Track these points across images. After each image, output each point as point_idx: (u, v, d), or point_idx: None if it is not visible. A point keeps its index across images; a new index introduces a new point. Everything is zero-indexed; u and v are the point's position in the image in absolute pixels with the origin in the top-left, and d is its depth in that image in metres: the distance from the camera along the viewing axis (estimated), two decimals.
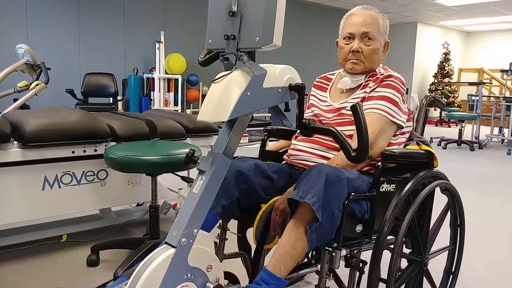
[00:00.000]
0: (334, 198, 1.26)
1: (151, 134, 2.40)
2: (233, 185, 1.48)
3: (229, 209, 1.49)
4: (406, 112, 1.60)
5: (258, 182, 1.51)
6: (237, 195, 1.48)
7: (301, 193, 1.25)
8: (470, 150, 6.73)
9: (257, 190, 1.51)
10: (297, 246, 1.26)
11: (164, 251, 1.15)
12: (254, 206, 1.52)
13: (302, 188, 1.26)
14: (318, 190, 1.24)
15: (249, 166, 1.52)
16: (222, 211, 1.47)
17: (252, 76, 1.17)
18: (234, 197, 1.48)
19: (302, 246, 1.27)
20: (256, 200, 1.52)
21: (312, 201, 1.22)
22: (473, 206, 3.56)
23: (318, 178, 1.26)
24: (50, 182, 2.20)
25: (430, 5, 9.27)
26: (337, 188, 1.28)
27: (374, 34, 1.59)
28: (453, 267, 1.81)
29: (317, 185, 1.25)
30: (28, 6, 6.11)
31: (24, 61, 3.43)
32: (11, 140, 2.03)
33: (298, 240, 1.26)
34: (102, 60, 6.86)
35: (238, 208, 1.51)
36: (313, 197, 1.23)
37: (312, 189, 1.24)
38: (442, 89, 11.45)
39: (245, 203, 1.51)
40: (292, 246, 1.26)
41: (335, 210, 1.27)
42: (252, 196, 1.51)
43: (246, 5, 1.16)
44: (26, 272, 2.10)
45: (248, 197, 1.50)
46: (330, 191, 1.25)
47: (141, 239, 2.32)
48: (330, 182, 1.26)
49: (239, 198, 1.49)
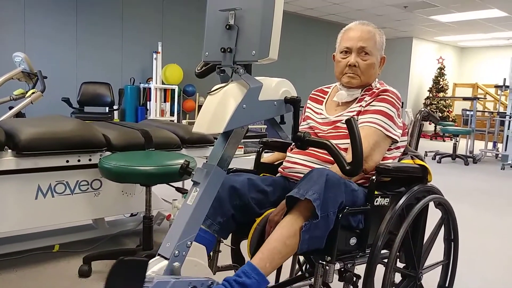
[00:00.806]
0: (331, 200, 1.28)
1: (147, 144, 2.40)
2: (228, 202, 1.47)
3: (226, 226, 1.48)
4: (401, 127, 1.61)
5: (252, 197, 1.51)
6: (232, 211, 1.48)
7: (302, 191, 1.26)
8: (465, 164, 6.77)
9: (251, 205, 1.50)
10: (287, 243, 1.25)
11: (157, 263, 1.15)
12: (249, 220, 1.51)
13: (303, 187, 1.27)
14: (320, 188, 1.26)
15: (243, 181, 1.52)
16: (219, 229, 1.47)
17: (248, 88, 1.18)
18: (229, 214, 1.48)
19: (292, 244, 1.26)
20: (250, 214, 1.51)
21: (313, 197, 1.24)
22: (467, 221, 3.57)
23: (319, 178, 1.28)
24: (43, 191, 2.18)
25: (426, 20, 9.39)
26: (336, 190, 1.29)
27: (371, 49, 1.61)
28: (447, 282, 1.80)
29: (318, 183, 1.27)
30: (26, 15, 6.13)
31: (20, 69, 3.44)
32: (5, 148, 2.02)
33: (291, 237, 1.25)
34: (98, 70, 6.87)
35: (234, 223, 1.51)
36: (314, 193, 1.24)
37: (314, 187, 1.26)
38: (437, 103, 11.54)
39: (240, 218, 1.51)
40: (282, 243, 1.25)
41: (331, 212, 1.28)
42: (246, 211, 1.50)
43: (243, 18, 1.17)
44: (16, 282, 2.07)
45: (242, 212, 1.50)
46: (328, 192, 1.27)
47: (134, 250, 2.30)
48: (330, 184, 1.28)
49: (234, 214, 1.49)
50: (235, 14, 1.18)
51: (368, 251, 1.41)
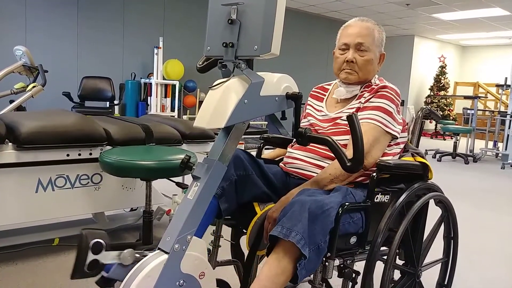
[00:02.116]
0: (318, 232, 1.24)
1: (147, 139, 2.39)
2: (232, 167, 1.48)
3: (228, 192, 1.47)
4: (401, 123, 1.61)
5: (255, 172, 1.52)
6: (235, 177, 1.48)
7: (285, 231, 1.21)
8: (465, 163, 6.77)
9: (254, 179, 1.51)
10: (276, 281, 1.22)
11: (156, 257, 1.15)
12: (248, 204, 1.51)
13: (285, 225, 1.23)
14: (302, 226, 1.21)
15: (248, 156, 1.54)
16: (221, 193, 1.45)
17: (250, 83, 1.18)
18: (232, 179, 1.47)
19: (282, 281, 1.23)
20: (252, 191, 1.51)
21: (296, 239, 1.19)
22: (467, 219, 3.57)
23: (301, 213, 1.23)
24: (43, 185, 2.18)
25: (428, 18, 9.37)
26: (321, 220, 1.25)
27: (369, 45, 1.60)
28: (446, 280, 1.81)
29: (300, 221, 1.22)
30: (27, 10, 6.12)
31: (21, 63, 3.43)
32: (5, 141, 2.02)
33: (278, 275, 1.22)
34: (99, 64, 6.86)
35: (236, 194, 1.49)
36: (297, 234, 1.20)
37: (296, 225, 1.21)
38: (438, 102, 11.53)
39: (242, 191, 1.50)
40: (271, 281, 1.21)
41: (321, 243, 1.25)
42: (249, 184, 1.50)
43: (245, 13, 1.17)
44: (16, 275, 2.08)
45: (245, 184, 1.49)
46: (314, 225, 1.23)
47: (133, 245, 2.31)
48: (313, 216, 1.23)
49: (237, 181, 1.48)
50: (237, 9, 1.18)
51: (368, 248, 1.41)
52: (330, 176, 1.44)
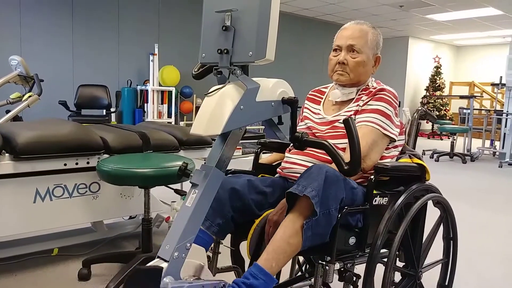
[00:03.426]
0: (332, 196, 1.28)
1: (144, 146, 2.39)
2: (228, 203, 1.48)
3: (224, 228, 1.49)
4: (399, 126, 1.61)
5: (251, 198, 1.52)
6: (231, 213, 1.48)
7: (301, 188, 1.26)
8: (462, 162, 6.78)
9: (251, 207, 1.51)
10: (291, 242, 1.25)
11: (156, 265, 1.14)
12: (248, 221, 1.52)
13: (301, 183, 1.27)
14: (318, 185, 1.25)
15: (243, 182, 1.53)
16: (217, 230, 1.47)
17: (245, 89, 1.18)
18: (228, 215, 1.48)
19: (296, 242, 1.26)
20: (249, 216, 1.52)
21: (311, 194, 1.23)
22: (466, 219, 3.57)
23: (318, 175, 1.27)
24: (41, 195, 2.17)
25: (422, 19, 9.41)
26: (336, 187, 1.29)
27: (360, 47, 1.61)
28: (446, 281, 1.81)
29: (317, 180, 1.26)
30: (21, 19, 6.12)
31: (17, 73, 3.43)
32: (2, 152, 2.01)
33: (293, 236, 1.26)
34: (95, 72, 6.86)
35: (233, 225, 1.51)
36: (312, 190, 1.24)
37: (312, 183, 1.26)
38: (434, 102, 11.57)
39: (239, 220, 1.51)
40: (286, 242, 1.25)
41: (332, 208, 1.28)
42: (245, 212, 1.51)
43: (239, 20, 1.17)
44: (16, 286, 2.06)
45: (241, 214, 1.51)
46: (329, 189, 1.27)
47: (133, 253, 2.30)
48: (330, 180, 1.28)
49: (234, 216, 1.49)
50: (232, 15, 1.18)
51: (368, 251, 1.41)
52: None
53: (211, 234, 1.45)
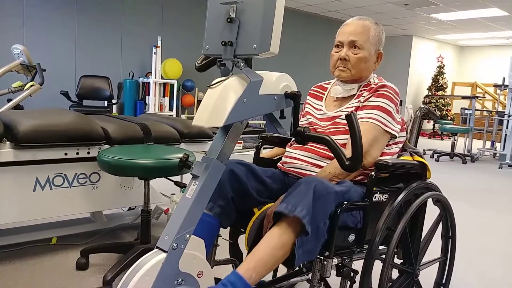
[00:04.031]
0: (320, 211, 1.25)
1: (145, 138, 2.39)
2: (227, 184, 1.47)
3: (227, 210, 1.48)
4: (400, 122, 1.61)
5: (250, 184, 1.51)
6: (231, 194, 1.48)
7: (290, 207, 1.23)
8: (462, 163, 6.78)
9: (250, 192, 1.51)
10: (275, 254, 1.22)
11: (155, 255, 1.15)
12: (248, 210, 1.51)
13: (291, 202, 1.24)
14: (308, 203, 1.22)
15: (242, 167, 1.53)
16: (220, 211, 1.46)
17: (249, 82, 1.17)
18: (229, 196, 1.47)
19: (279, 256, 1.23)
20: (249, 202, 1.51)
21: (302, 214, 1.20)
22: (465, 218, 3.58)
23: (307, 191, 1.24)
24: (41, 184, 2.18)
25: (426, 19, 9.38)
26: (324, 201, 1.26)
27: (362, 43, 1.60)
28: (443, 279, 1.81)
29: (306, 197, 1.23)
30: (25, 8, 6.10)
31: (19, 62, 3.42)
32: (3, 140, 2.02)
33: (278, 248, 1.23)
34: (98, 63, 6.85)
35: (234, 209, 1.50)
36: (302, 210, 1.21)
37: (302, 201, 1.23)
38: (436, 102, 11.55)
39: (239, 204, 1.50)
40: (270, 254, 1.22)
41: (320, 223, 1.25)
42: (245, 197, 1.50)
43: (244, 12, 1.17)
44: (13, 274, 2.07)
45: (241, 198, 1.50)
46: (317, 204, 1.24)
47: (131, 244, 2.30)
48: (318, 195, 1.25)
49: (234, 198, 1.48)
50: (237, 7, 1.17)
51: (366, 247, 1.42)
52: (329, 175, 1.44)
53: (215, 216, 1.45)
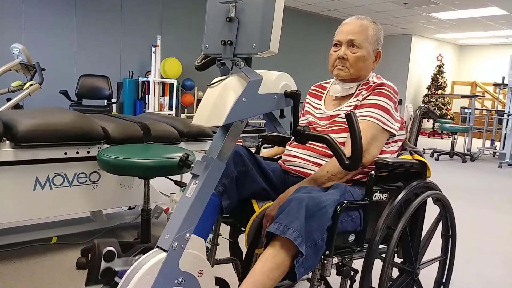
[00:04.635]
0: (315, 229, 1.24)
1: (145, 137, 2.39)
2: (232, 165, 1.47)
3: (230, 189, 1.47)
4: (399, 121, 1.61)
5: (254, 169, 1.52)
6: (235, 173, 1.48)
7: (282, 228, 1.21)
8: (462, 162, 6.78)
9: (253, 175, 1.51)
10: (271, 276, 1.21)
11: (155, 255, 1.15)
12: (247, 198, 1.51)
13: (282, 222, 1.22)
14: (299, 224, 1.21)
15: (247, 152, 1.54)
16: (223, 190, 1.46)
17: (248, 81, 1.17)
18: (233, 175, 1.47)
19: (276, 276, 1.22)
20: (252, 186, 1.51)
21: (293, 236, 1.19)
22: (465, 217, 3.58)
23: (298, 211, 1.23)
24: (41, 183, 2.18)
25: (425, 18, 9.37)
26: (318, 218, 1.24)
27: (361, 42, 1.60)
28: (443, 278, 1.81)
29: (297, 218, 1.21)
30: (24, 7, 6.10)
31: (18, 61, 3.42)
32: (3, 139, 2.01)
33: (273, 269, 1.22)
34: (97, 63, 6.84)
35: (237, 189, 1.49)
36: (294, 231, 1.20)
37: (293, 222, 1.21)
38: (436, 101, 11.55)
39: (242, 186, 1.50)
40: (266, 276, 1.21)
41: (318, 240, 1.24)
42: (248, 180, 1.50)
43: (243, 11, 1.17)
44: (14, 273, 2.07)
45: (244, 180, 1.49)
46: (311, 223, 1.23)
47: (131, 243, 2.30)
48: (310, 213, 1.23)
49: (238, 178, 1.48)
50: (236, 7, 1.17)
51: (366, 246, 1.42)
52: (328, 173, 1.44)
53: (217, 194, 1.44)
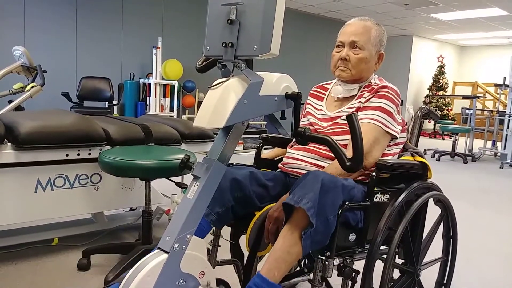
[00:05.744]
0: (329, 204, 1.27)
1: (146, 139, 2.39)
2: (229, 193, 1.48)
3: (223, 217, 1.49)
4: (401, 123, 1.61)
5: (253, 190, 1.52)
6: (232, 203, 1.49)
7: (296, 198, 1.25)
8: (463, 162, 6.77)
9: (252, 198, 1.51)
10: (291, 251, 1.26)
11: (156, 256, 1.15)
12: (248, 214, 1.52)
13: (297, 193, 1.26)
14: (314, 196, 1.24)
15: (245, 173, 1.53)
16: (216, 219, 1.47)
17: (249, 83, 1.18)
18: (229, 205, 1.48)
19: (296, 251, 1.27)
20: (250, 207, 1.52)
21: (307, 206, 1.22)
22: (466, 218, 3.57)
23: (314, 184, 1.26)
24: (43, 185, 2.18)
25: (426, 18, 9.37)
26: (332, 194, 1.28)
27: (363, 43, 1.60)
28: (445, 279, 1.81)
29: (312, 190, 1.25)
30: (25, 9, 6.11)
31: (20, 63, 3.43)
32: (4, 141, 2.02)
33: (293, 245, 1.26)
34: (98, 64, 6.85)
35: (232, 215, 1.51)
36: (308, 202, 1.23)
37: (308, 194, 1.24)
38: (437, 101, 11.54)
39: (239, 211, 1.51)
40: (286, 252, 1.26)
41: (330, 216, 1.27)
42: (246, 204, 1.51)
43: (244, 13, 1.17)
44: (15, 275, 2.08)
45: (242, 205, 1.51)
46: (325, 197, 1.26)
47: (133, 244, 2.31)
48: (326, 188, 1.26)
49: (234, 206, 1.49)
50: (237, 9, 1.18)
51: (367, 247, 1.42)
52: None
53: (209, 222, 1.46)
